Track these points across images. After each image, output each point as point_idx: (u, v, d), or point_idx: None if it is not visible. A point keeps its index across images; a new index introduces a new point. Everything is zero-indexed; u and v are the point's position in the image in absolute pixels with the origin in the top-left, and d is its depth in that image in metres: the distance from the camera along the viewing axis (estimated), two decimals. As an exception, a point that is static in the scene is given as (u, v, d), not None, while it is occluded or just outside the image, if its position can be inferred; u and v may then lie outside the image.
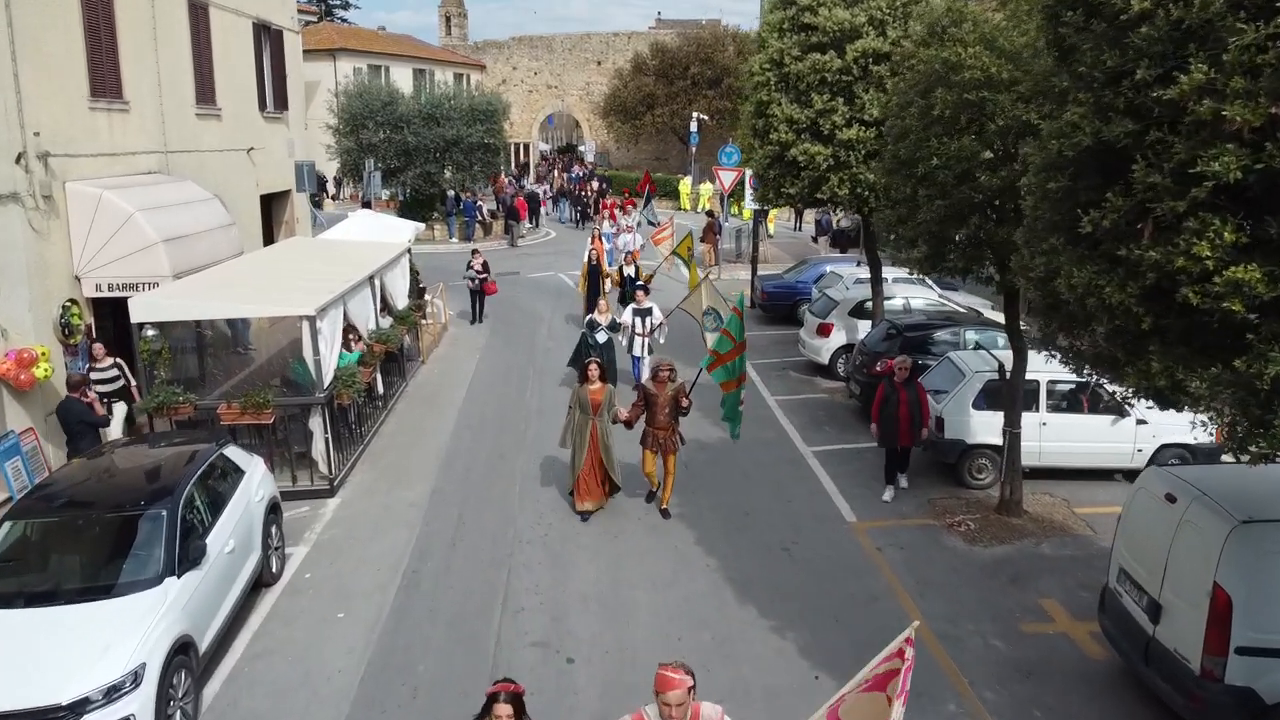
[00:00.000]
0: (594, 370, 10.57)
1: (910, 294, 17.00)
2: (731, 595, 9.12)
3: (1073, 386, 11.54)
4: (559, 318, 21.22)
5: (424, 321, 18.61)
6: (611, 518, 10.78)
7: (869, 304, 16.27)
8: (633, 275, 19.08)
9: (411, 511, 10.99)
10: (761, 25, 14.67)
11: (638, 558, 9.86)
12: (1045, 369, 11.25)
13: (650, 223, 25.45)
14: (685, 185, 43.76)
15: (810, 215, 33.56)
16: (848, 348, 16.28)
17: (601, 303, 15.26)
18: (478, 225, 33.10)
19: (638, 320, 14.90)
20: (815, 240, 32.66)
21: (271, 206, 21.52)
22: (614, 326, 14.76)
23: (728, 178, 25.55)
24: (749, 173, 23.11)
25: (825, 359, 16.45)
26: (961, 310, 16.01)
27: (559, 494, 11.41)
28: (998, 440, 11.36)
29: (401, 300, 16.02)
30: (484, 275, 20.29)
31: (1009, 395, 10.62)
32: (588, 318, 15.19)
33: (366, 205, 31.47)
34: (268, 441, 11.52)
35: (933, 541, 10.35)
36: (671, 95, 47.64)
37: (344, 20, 60.91)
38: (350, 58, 44.16)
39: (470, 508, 11.10)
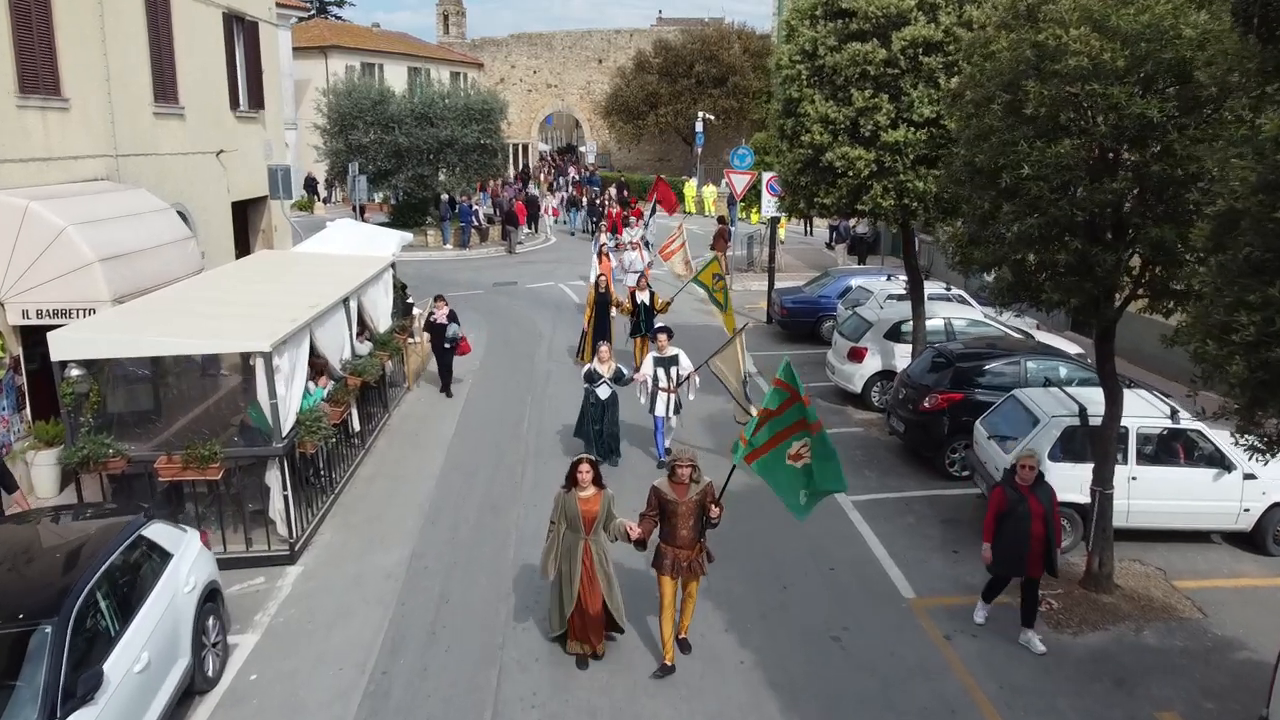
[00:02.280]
0: (585, 472, 7.50)
1: (950, 313, 15.22)
2: (775, 707, 7.37)
3: (1166, 433, 9.82)
4: (560, 335, 19.46)
5: (411, 341, 16.85)
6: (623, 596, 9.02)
7: (906, 325, 14.53)
8: (647, 302, 15.88)
9: (386, 585, 9.24)
10: (789, 11, 12.89)
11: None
12: (1135, 413, 9.59)
13: (646, 243, 22.96)
14: (690, 188, 42.01)
15: (823, 220, 31.81)
16: (884, 375, 14.54)
17: (603, 349, 12.15)
18: (474, 231, 31.34)
19: (660, 371, 11.87)
20: (830, 247, 30.90)
21: (247, 214, 19.81)
22: (619, 378, 11.89)
23: (740, 181, 23.81)
24: (765, 176, 21.44)
25: (858, 387, 14.70)
26: (1012, 333, 14.25)
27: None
28: (1078, 497, 9.65)
29: (384, 322, 14.28)
30: (444, 321, 14.99)
31: (1100, 449, 8.87)
32: (585, 368, 12.15)
33: (360, 210, 29.78)
34: (218, 498, 9.80)
35: (1011, 625, 8.57)
36: (675, 94, 45.97)
37: (338, 17, 59.17)
38: (342, 55, 42.47)
39: (456, 580, 9.35)
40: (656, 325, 13.16)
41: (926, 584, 9.33)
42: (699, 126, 42.15)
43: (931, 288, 16.85)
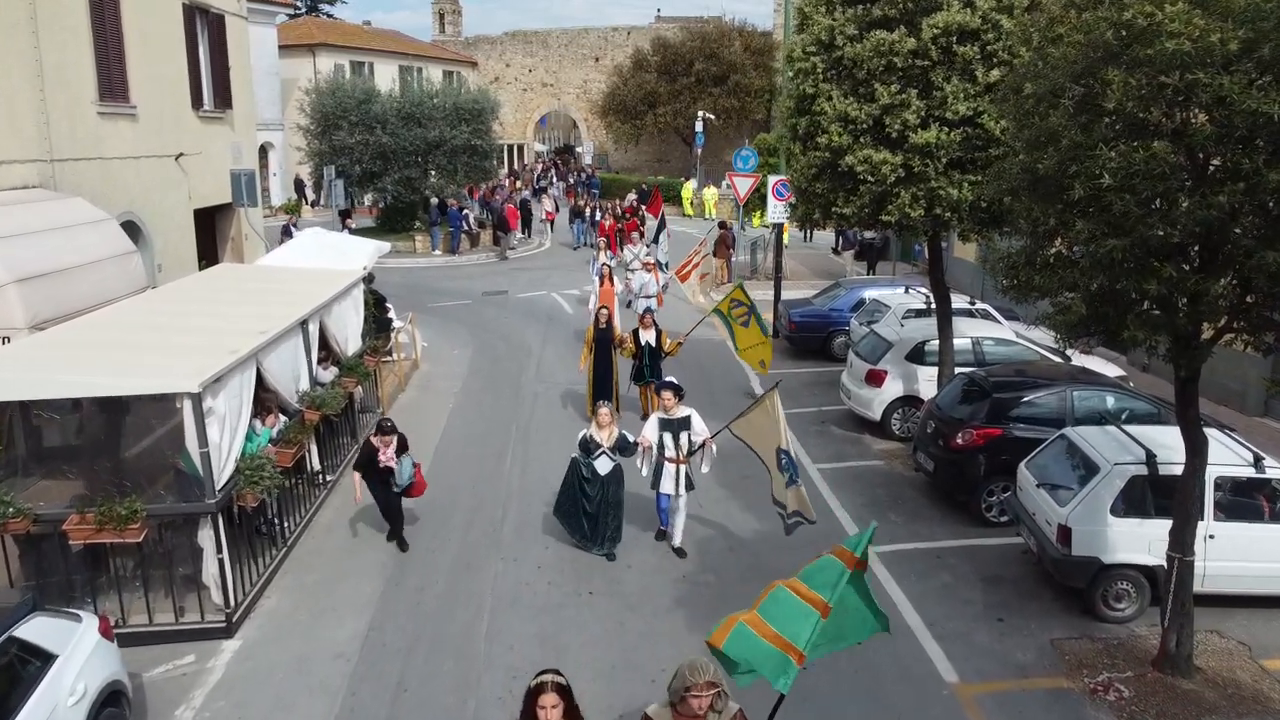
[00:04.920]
0: (552, 706, 4.48)
1: (976, 331, 13.77)
2: (799, 842, 5.99)
3: (1248, 484, 8.44)
4: (551, 351, 18.06)
5: (387, 360, 15.48)
6: (615, 670, 7.64)
7: (929, 345, 13.14)
8: (652, 343, 13.37)
9: (335, 668, 7.85)
10: (802, -2, 11.50)
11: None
12: (1212, 460, 8.17)
13: (662, 265, 19.65)
14: (688, 190, 40.58)
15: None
16: (906, 400, 13.15)
17: (603, 410, 9.67)
18: (464, 236, 29.93)
19: (667, 438, 9.49)
20: (836, 253, 29.42)
21: (215, 222, 18.45)
22: (623, 446, 9.54)
23: (743, 185, 22.37)
24: (771, 179, 20.06)
25: (877, 414, 13.29)
26: (1051, 356, 12.83)
27: (541, 634, 8.30)
28: (1145, 559, 8.33)
29: (352, 344, 12.85)
30: (393, 465, 9.71)
31: (1179, 509, 7.48)
32: (581, 434, 9.74)
33: (345, 214, 28.41)
34: (145, 560, 8.41)
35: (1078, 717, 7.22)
36: (674, 93, 44.62)
37: (329, 15, 57.75)
38: (331, 54, 41.17)
39: (418, 661, 7.95)
40: (664, 380, 10.48)
41: (972, 664, 7.94)
42: (699, 126, 40.80)
43: (954, 302, 15.47)
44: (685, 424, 9.52)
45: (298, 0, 49.88)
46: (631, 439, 9.64)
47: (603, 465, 9.42)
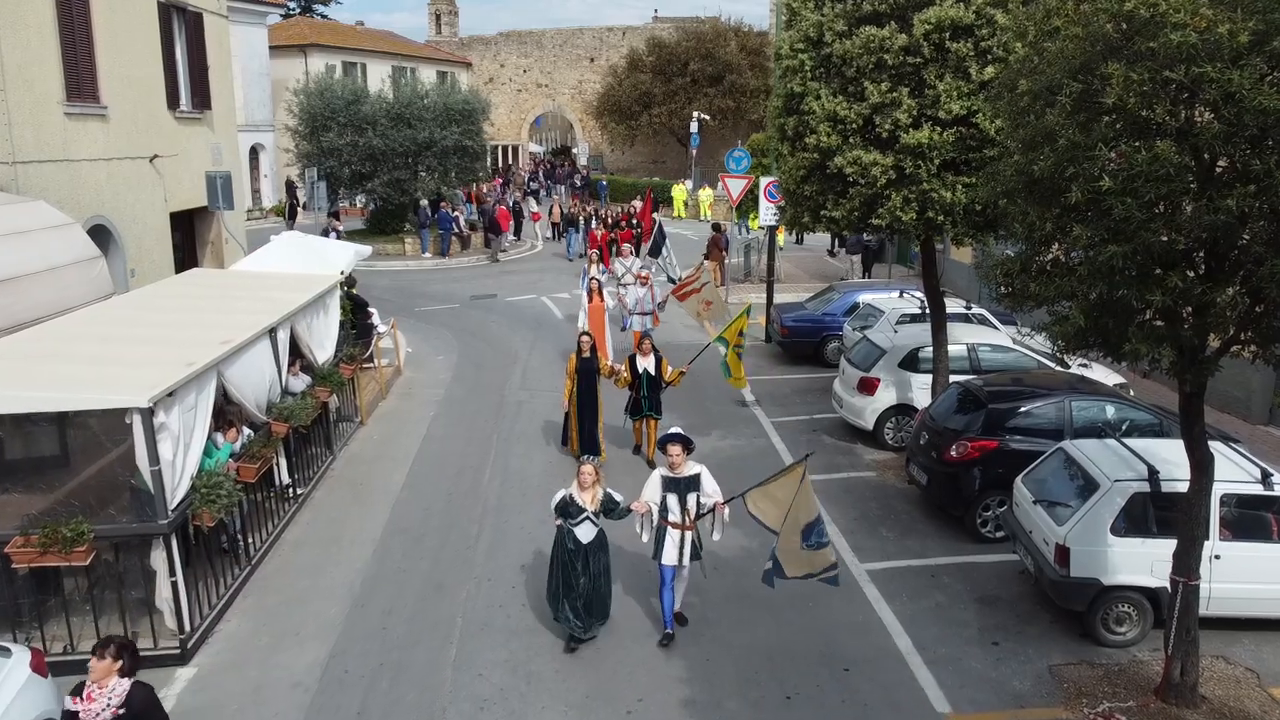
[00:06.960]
0: None
1: (972, 337, 13.34)
2: None
3: (1256, 501, 8.03)
4: (537, 357, 17.63)
5: (368, 366, 15.07)
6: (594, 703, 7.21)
7: (924, 351, 12.73)
8: (651, 371, 11.82)
9: (292, 698, 7.42)
10: (790, -7, 11.08)
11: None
12: (1217, 476, 7.76)
13: (670, 278, 17.90)
14: (681, 191, 40.13)
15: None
16: (899, 409, 12.74)
17: (585, 468, 7.88)
18: (454, 238, 29.50)
19: (671, 500, 7.93)
20: (832, 254, 29.05)
21: (194, 225, 18.03)
22: (610, 509, 7.91)
23: (736, 186, 21.94)
24: (764, 181, 19.65)
25: (869, 423, 12.87)
26: (1049, 364, 12.40)
27: (513, 661, 7.88)
28: (1146, 580, 7.95)
29: (326, 351, 12.44)
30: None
31: (1185, 527, 7.07)
32: (559, 496, 7.97)
33: (334, 216, 28.04)
34: (96, 581, 7.99)
35: (1074, 755, 6.82)
36: (670, 94, 44.25)
37: (323, 16, 57.33)
38: (323, 54, 40.77)
39: (379, 692, 7.53)
40: (670, 431, 8.41)
41: (965, 693, 7.52)
42: (694, 127, 40.43)
43: (948, 306, 15.05)
44: (694, 484, 7.96)
45: (290, 1, 49.51)
46: (620, 500, 7.98)
47: (585, 532, 7.83)
